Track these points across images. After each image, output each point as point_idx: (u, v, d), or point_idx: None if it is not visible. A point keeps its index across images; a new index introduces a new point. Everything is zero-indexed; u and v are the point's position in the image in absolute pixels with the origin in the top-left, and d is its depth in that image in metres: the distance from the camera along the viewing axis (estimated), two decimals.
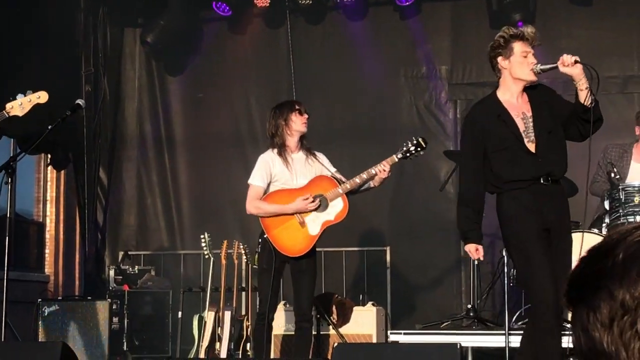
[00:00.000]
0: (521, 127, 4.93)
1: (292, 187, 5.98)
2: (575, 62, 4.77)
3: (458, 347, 4.46)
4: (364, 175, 5.87)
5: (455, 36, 9.19)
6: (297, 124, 6.00)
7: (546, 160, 4.90)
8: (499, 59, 4.94)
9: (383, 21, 9.35)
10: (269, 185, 6.01)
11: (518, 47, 4.91)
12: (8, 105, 5.35)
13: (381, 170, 5.82)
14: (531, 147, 4.92)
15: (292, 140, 6.03)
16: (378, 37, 9.35)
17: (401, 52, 9.32)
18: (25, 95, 5.35)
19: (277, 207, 5.92)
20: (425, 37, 9.27)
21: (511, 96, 4.99)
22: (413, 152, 5.92)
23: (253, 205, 5.98)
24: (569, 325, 5.03)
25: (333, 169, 6.15)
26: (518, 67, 4.91)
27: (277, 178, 5.99)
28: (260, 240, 5.95)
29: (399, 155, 5.91)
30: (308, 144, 6.15)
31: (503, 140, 4.95)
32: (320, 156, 6.19)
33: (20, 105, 5.36)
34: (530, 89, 5.03)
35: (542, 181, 4.87)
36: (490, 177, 5.00)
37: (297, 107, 6.06)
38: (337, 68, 9.36)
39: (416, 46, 9.28)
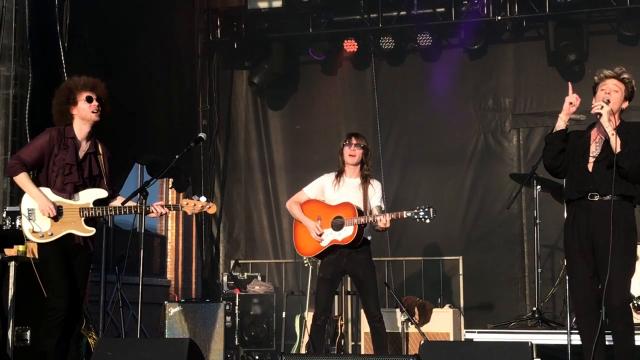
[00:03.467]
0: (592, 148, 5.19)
1: (327, 204, 6.46)
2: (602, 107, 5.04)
3: (529, 345, 4.57)
4: (370, 218, 6.23)
5: (517, 73, 10.14)
6: (345, 155, 6.47)
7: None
8: None
9: (454, 62, 10.29)
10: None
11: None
12: (183, 202, 5.67)
13: (383, 220, 6.15)
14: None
15: (347, 168, 6.48)
16: (450, 75, 10.24)
17: (470, 87, 10.30)
18: (199, 199, 5.68)
19: (299, 216, 6.49)
20: (491, 74, 10.25)
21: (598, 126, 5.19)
22: (421, 216, 6.13)
23: (290, 204, 6.59)
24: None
25: (377, 200, 6.43)
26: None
27: (326, 196, 6.51)
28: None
29: (408, 214, 6.15)
30: (367, 172, 6.47)
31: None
32: (375, 185, 6.50)
33: (193, 207, 5.66)
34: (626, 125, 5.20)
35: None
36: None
37: (347, 141, 6.47)
38: (415, 102, 10.36)
39: (483, 82, 10.28)
